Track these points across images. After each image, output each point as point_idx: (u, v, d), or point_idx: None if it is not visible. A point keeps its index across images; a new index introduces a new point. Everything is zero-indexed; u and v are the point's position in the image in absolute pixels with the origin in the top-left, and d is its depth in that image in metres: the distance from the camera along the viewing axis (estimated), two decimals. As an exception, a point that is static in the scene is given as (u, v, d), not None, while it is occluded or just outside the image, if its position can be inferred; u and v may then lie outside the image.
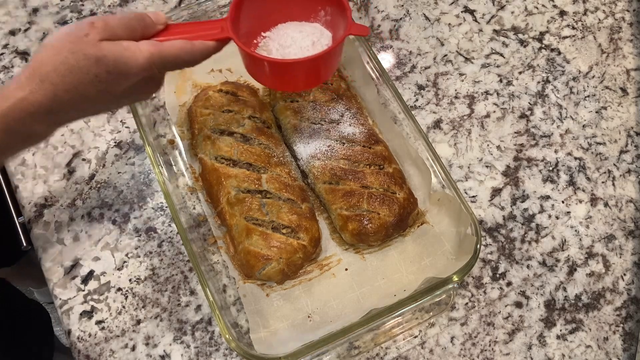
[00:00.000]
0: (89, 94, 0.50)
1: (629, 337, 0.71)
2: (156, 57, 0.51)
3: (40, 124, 0.51)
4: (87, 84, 0.49)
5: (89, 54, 0.48)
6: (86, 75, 0.49)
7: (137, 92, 0.55)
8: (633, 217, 0.78)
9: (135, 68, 0.50)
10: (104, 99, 0.52)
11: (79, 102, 0.50)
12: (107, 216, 0.73)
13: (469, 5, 0.92)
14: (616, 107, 0.85)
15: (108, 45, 0.49)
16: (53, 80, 0.48)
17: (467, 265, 0.61)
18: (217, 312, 0.59)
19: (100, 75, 0.49)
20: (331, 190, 0.69)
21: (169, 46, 0.52)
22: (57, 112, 0.50)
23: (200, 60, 0.55)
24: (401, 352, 0.68)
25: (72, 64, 0.48)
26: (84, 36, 0.48)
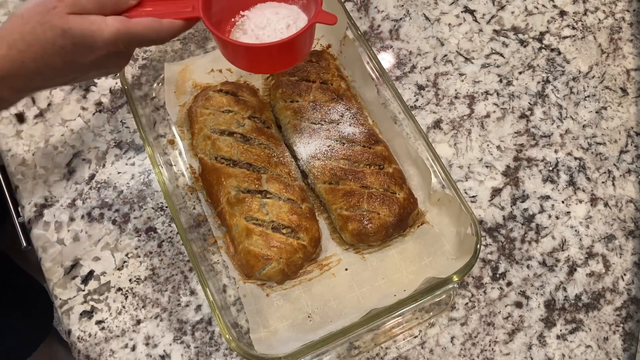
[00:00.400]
0: (55, 64, 0.52)
1: (629, 337, 0.71)
2: (122, 33, 0.52)
3: (6, 89, 0.52)
4: (53, 54, 0.51)
5: (55, 26, 0.49)
6: (52, 46, 0.50)
7: (104, 66, 0.56)
8: (633, 217, 0.78)
9: (100, 42, 0.51)
10: (70, 69, 0.54)
11: (46, 71, 0.52)
12: (107, 216, 0.73)
13: (469, 5, 0.92)
14: (616, 107, 0.85)
15: (75, 19, 0.50)
16: (20, 48, 0.50)
17: (467, 265, 0.61)
18: (217, 312, 0.59)
19: (66, 47, 0.51)
20: (331, 190, 0.69)
21: (136, 23, 0.53)
22: (23, 79, 0.52)
23: (168, 39, 0.56)
24: (401, 352, 0.68)
25: (38, 34, 0.50)
26: (52, 8, 0.50)
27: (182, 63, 0.79)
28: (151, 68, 0.77)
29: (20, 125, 0.78)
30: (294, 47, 0.58)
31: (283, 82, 0.76)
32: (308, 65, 0.77)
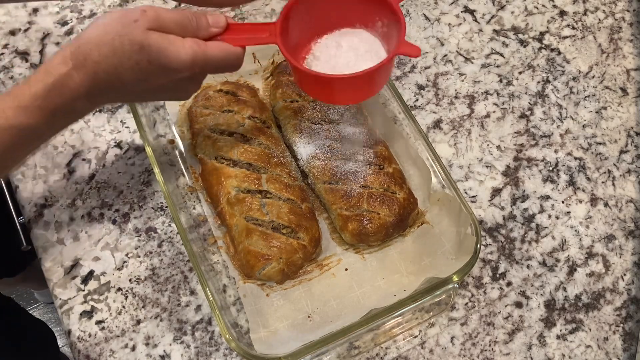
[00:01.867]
0: (127, 79, 0.50)
1: (629, 337, 0.71)
2: (199, 57, 0.51)
3: (80, 101, 0.50)
4: (127, 69, 0.49)
5: (134, 40, 0.48)
6: (127, 60, 0.48)
7: (174, 89, 0.55)
8: (633, 217, 0.78)
9: (175, 63, 0.50)
10: (140, 88, 0.52)
11: (117, 86, 0.50)
12: (107, 216, 0.73)
13: (469, 5, 0.92)
14: (616, 107, 0.85)
15: (154, 35, 0.49)
16: (95, 59, 0.48)
17: (467, 265, 0.61)
18: (217, 312, 0.59)
19: (141, 63, 0.49)
20: (331, 190, 0.69)
21: (213, 47, 0.52)
22: (95, 92, 0.50)
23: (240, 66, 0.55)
24: (401, 352, 0.68)
25: (116, 46, 0.48)
26: (134, 21, 0.48)
27: (182, 63, 0.79)
28: (151, 68, 0.76)
29: (20, 125, 0.78)
30: (373, 79, 0.56)
31: (283, 82, 0.76)
32: (308, 65, 0.77)
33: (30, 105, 0.48)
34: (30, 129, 0.49)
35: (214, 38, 0.53)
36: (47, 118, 0.49)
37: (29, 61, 0.83)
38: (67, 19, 0.87)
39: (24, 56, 0.83)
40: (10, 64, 0.83)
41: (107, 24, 0.48)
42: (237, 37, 0.54)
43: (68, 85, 0.48)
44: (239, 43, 0.54)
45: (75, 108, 0.51)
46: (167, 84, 0.52)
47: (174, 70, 0.50)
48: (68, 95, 0.49)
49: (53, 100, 0.48)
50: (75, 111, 0.52)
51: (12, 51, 0.84)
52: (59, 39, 0.85)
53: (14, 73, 0.82)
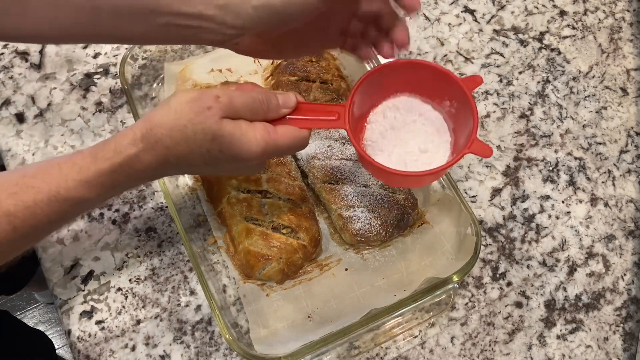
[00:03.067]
0: (196, 163, 0.50)
1: (629, 337, 0.71)
2: (270, 147, 0.50)
3: (143, 180, 0.51)
4: (197, 156, 0.49)
5: (208, 129, 0.47)
6: (199, 148, 0.48)
7: (241, 171, 0.56)
8: (633, 217, 0.78)
9: (247, 154, 0.50)
10: (207, 169, 0.53)
11: (184, 168, 0.51)
12: (107, 216, 0.73)
13: (469, 5, 0.92)
14: (616, 107, 0.85)
15: (228, 125, 0.48)
16: (166, 144, 0.47)
17: (467, 265, 0.61)
18: (217, 312, 0.59)
19: (213, 152, 0.49)
20: (331, 190, 0.69)
21: (282, 136, 0.51)
22: (161, 173, 0.51)
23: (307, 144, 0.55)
24: (401, 352, 0.68)
25: (188, 134, 0.47)
26: (207, 108, 0.47)
27: (182, 63, 0.79)
28: (151, 68, 0.77)
29: (20, 125, 0.78)
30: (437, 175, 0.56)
31: (283, 82, 0.76)
32: (308, 65, 0.77)
33: (94, 181, 0.48)
34: (87, 201, 0.49)
35: (282, 119, 0.53)
36: (106, 192, 0.49)
37: (29, 61, 0.83)
38: (67, 19, 0.87)
39: (24, 56, 0.83)
40: (10, 64, 0.83)
41: (179, 109, 0.48)
42: (305, 119, 0.53)
43: (135, 167, 0.48)
44: (307, 125, 0.53)
45: (136, 184, 0.52)
46: (236, 167, 0.53)
47: (244, 160, 0.50)
48: (134, 175, 0.49)
49: (117, 178, 0.48)
50: (135, 186, 0.53)
51: (12, 51, 0.84)
52: (59, 39, 0.84)
53: (13, 73, 0.82)
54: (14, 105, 0.80)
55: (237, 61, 0.81)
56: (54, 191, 0.47)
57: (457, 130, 0.56)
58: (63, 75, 0.82)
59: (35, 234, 0.49)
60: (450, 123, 0.57)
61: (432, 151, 0.56)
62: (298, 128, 0.52)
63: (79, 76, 0.82)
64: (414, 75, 0.57)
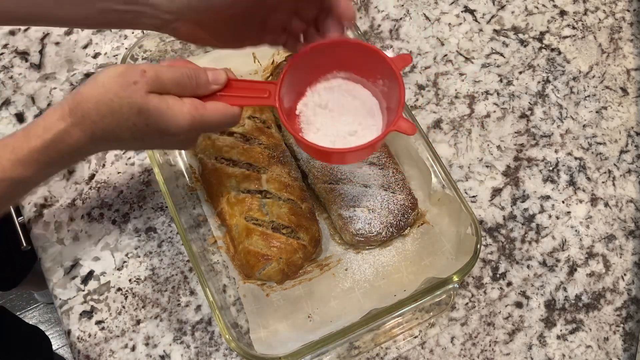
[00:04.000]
0: (123, 137, 0.50)
1: (629, 337, 0.71)
2: (197, 121, 0.51)
3: (77, 154, 0.51)
4: (123, 129, 0.49)
5: (133, 103, 0.48)
6: (125, 122, 0.49)
7: (169, 146, 0.57)
8: (633, 217, 0.78)
9: (174, 128, 0.50)
10: (136, 144, 0.53)
11: (112, 142, 0.51)
12: (107, 216, 0.73)
13: (469, 5, 0.92)
14: (616, 107, 0.85)
15: (154, 99, 0.49)
16: (93, 118, 0.48)
17: (467, 265, 0.61)
18: (217, 312, 0.59)
19: (138, 125, 0.49)
20: (331, 190, 0.69)
21: (211, 111, 0.52)
22: (91, 147, 0.51)
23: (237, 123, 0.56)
24: (401, 352, 0.68)
25: (114, 107, 0.48)
26: (133, 83, 0.48)
27: (182, 63, 0.79)
28: (151, 68, 0.76)
29: (20, 125, 0.78)
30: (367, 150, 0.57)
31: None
32: (308, 65, 0.77)
33: (28, 159, 0.49)
34: (25, 181, 0.50)
35: (213, 95, 0.53)
36: (43, 170, 0.50)
37: (29, 61, 0.83)
38: (67, 19, 0.87)
39: (24, 56, 0.83)
40: (10, 64, 0.83)
41: (106, 83, 0.48)
42: (236, 96, 0.54)
43: (66, 141, 0.49)
44: (237, 103, 0.54)
45: (70, 160, 0.52)
46: (163, 142, 0.54)
47: (171, 134, 0.51)
48: (66, 150, 0.50)
49: (50, 155, 0.49)
50: (71, 161, 0.53)
51: (12, 51, 0.84)
52: (59, 39, 0.85)
53: (13, 73, 0.82)
54: (14, 105, 0.80)
55: (237, 61, 0.80)
56: None
57: (390, 109, 0.58)
58: (63, 75, 0.82)
59: None
60: (383, 102, 0.59)
61: (362, 131, 0.58)
62: (228, 105, 0.53)
63: (79, 76, 0.82)
64: (347, 55, 0.58)
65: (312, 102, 0.60)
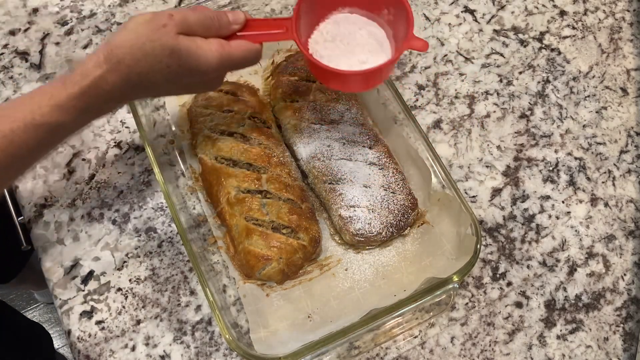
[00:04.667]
0: (157, 80, 0.53)
1: (629, 337, 0.71)
2: (225, 59, 0.54)
3: (113, 101, 0.54)
4: (157, 72, 0.52)
5: (165, 44, 0.51)
6: (158, 64, 0.51)
7: (201, 87, 0.60)
8: (633, 217, 0.78)
9: (204, 66, 0.53)
10: (169, 86, 0.55)
11: (147, 86, 0.54)
12: (107, 216, 0.73)
13: (469, 5, 0.92)
14: (616, 107, 0.85)
15: (183, 40, 0.52)
16: (128, 63, 0.51)
17: (467, 265, 0.61)
18: (217, 312, 0.59)
19: (171, 66, 0.52)
20: (331, 190, 0.69)
21: (236, 48, 0.55)
22: (127, 92, 0.53)
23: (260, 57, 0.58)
24: (401, 352, 0.68)
25: (147, 50, 0.51)
26: (163, 26, 0.51)
27: (182, 63, 0.79)
28: (151, 68, 0.76)
29: (20, 125, 0.78)
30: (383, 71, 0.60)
31: (283, 82, 0.76)
32: (308, 65, 0.77)
33: (66, 104, 0.51)
34: (63, 126, 0.53)
35: (234, 35, 0.57)
36: (80, 116, 0.53)
37: (29, 61, 0.83)
38: (67, 19, 0.87)
39: (24, 56, 0.83)
40: (10, 64, 0.83)
41: (137, 29, 0.51)
42: (255, 34, 0.58)
43: (102, 87, 0.52)
44: (258, 40, 0.57)
45: (107, 107, 0.55)
46: (195, 83, 0.57)
47: (202, 72, 0.54)
48: (102, 96, 0.52)
49: (88, 100, 0.52)
50: (107, 109, 0.56)
51: (12, 51, 0.84)
52: (59, 39, 0.85)
53: (13, 73, 0.82)
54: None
55: (237, 61, 0.81)
56: (29, 118, 0.51)
57: (397, 35, 0.61)
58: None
59: (15, 164, 0.53)
60: (390, 30, 0.62)
61: (373, 58, 0.60)
62: (250, 42, 0.56)
63: (79, 76, 0.82)
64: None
65: (322, 38, 0.62)
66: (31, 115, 0.51)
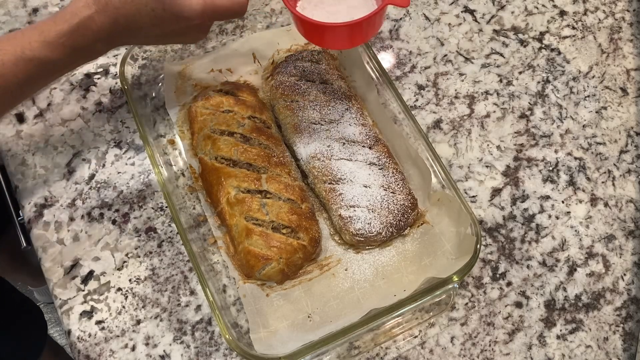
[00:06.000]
0: (144, 24, 0.55)
1: (629, 337, 0.71)
2: (209, 7, 0.55)
3: (100, 42, 0.56)
4: (143, 15, 0.54)
5: None
6: (144, 7, 0.53)
7: (184, 35, 0.60)
8: (633, 217, 0.78)
9: (187, 12, 0.55)
10: (154, 32, 0.57)
11: (134, 30, 0.56)
12: (107, 216, 0.73)
13: (469, 5, 0.92)
14: (616, 107, 0.85)
15: None
16: (116, 5, 0.53)
17: (467, 265, 0.61)
18: (217, 312, 0.59)
19: (157, 10, 0.54)
20: (331, 190, 0.69)
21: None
22: (114, 34, 0.55)
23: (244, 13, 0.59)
24: (401, 352, 0.68)
25: None
26: None
27: (182, 63, 0.79)
28: (151, 68, 0.77)
29: (20, 125, 0.78)
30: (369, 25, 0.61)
31: (283, 82, 0.76)
32: (308, 65, 0.77)
33: (55, 41, 0.54)
34: (52, 63, 0.55)
35: None
36: (68, 54, 0.55)
37: None
38: (67, 19, 0.87)
39: (24, 56, 0.83)
40: (10, 64, 0.83)
41: None
42: None
43: (90, 27, 0.54)
44: None
45: (94, 48, 0.57)
46: (179, 30, 0.58)
47: (185, 18, 0.55)
48: (90, 36, 0.54)
49: (76, 39, 0.54)
50: (94, 50, 0.58)
51: (12, 51, 0.84)
52: (59, 39, 0.84)
53: (14, 73, 0.82)
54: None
55: (237, 61, 0.81)
56: (19, 52, 0.53)
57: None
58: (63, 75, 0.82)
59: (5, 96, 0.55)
60: None
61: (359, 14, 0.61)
62: None
63: (79, 76, 0.82)
64: None
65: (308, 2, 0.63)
66: (21, 49, 0.53)
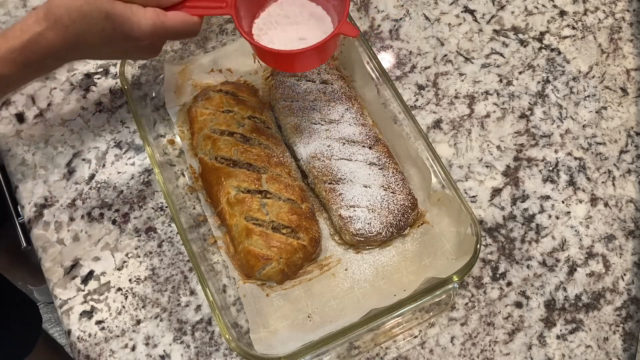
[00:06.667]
0: (94, 42, 0.55)
1: (629, 337, 0.71)
2: (159, 28, 0.56)
3: (50, 59, 0.56)
4: (93, 34, 0.54)
5: (101, 8, 0.53)
6: (94, 26, 0.53)
7: (136, 52, 0.60)
8: (633, 217, 0.78)
9: (137, 33, 0.55)
10: (106, 50, 0.57)
11: (84, 48, 0.56)
12: (107, 216, 0.73)
13: (469, 5, 0.92)
14: (616, 107, 0.85)
15: (120, 5, 0.54)
16: (65, 23, 0.53)
17: (467, 265, 0.61)
18: (217, 312, 0.59)
19: (106, 30, 0.54)
20: (331, 190, 0.69)
21: (171, 18, 0.57)
22: (64, 51, 0.55)
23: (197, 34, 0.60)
24: (401, 352, 0.68)
25: (84, 12, 0.53)
26: None
27: (182, 63, 0.79)
28: (151, 68, 0.77)
29: (20, 125, 0.78)
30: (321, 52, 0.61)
31: (283, 82, 0.76)
32: (308, 65, 0.77)
33: (6, 57, 0.54)
34: (4, 78, 0.55)
35: (175, 6, 0.58)
36: (20, 70, 0.55)
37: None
38: (67, 19, 0.87)
39: (24, 56, 0.83)
40: (10, 64, 0.83)
41: None
42: (196, 6, 0.59)
43: (41, 44, 0.54)
44: (196, 13, 0.59)
45: (45, 63, 0.57)
46: (129, 48, 0.58)
47: (135, 39, 0.56)
48: (41, 52, 0.55)
49: (27, 55, 0.54)
50: (46, 66, 0.59)
51: (12, 51, 0.84)
52: (59, 39, 0.84)
53: (14, 73, 0.82)
54: (14, 105, 0.80)
55: (237, 61, 0.81)
56: None
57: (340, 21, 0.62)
58: (63, 75, 0.82)
59: None
60: (336, 16, 0.64)
61: (312, 38, 0.62)
62: (188, 14, 0.58)
63: (79, 76, 0.82)
64: None
65: (264, 21, 0.64)
66: None
